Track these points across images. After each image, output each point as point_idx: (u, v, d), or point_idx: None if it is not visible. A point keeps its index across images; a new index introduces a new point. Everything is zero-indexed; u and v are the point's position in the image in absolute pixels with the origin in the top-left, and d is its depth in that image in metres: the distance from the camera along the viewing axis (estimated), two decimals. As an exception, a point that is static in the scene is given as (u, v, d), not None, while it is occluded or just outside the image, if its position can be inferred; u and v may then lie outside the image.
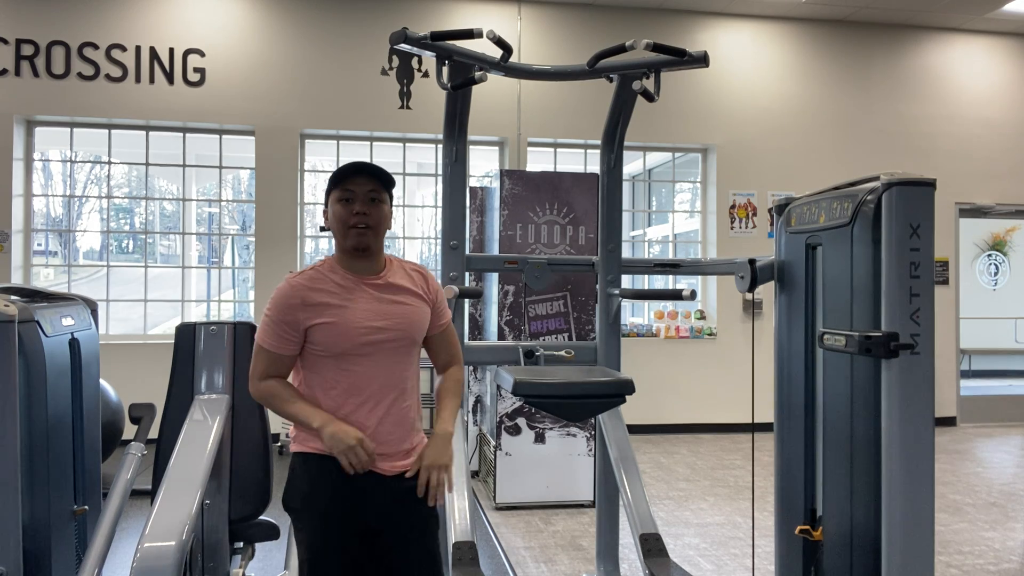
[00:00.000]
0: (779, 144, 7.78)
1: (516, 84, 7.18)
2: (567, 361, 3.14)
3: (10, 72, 6.57)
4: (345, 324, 1.90)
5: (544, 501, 4.89)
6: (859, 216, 2.10)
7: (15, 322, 2.31)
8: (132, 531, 4.09)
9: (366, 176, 1.96)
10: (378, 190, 1.97)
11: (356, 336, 1.90)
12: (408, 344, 1.99)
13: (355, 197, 1.94)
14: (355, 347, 1.90)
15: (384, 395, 1.94)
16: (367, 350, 1.92)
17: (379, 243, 2.00)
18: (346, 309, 1.91)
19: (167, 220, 8.63)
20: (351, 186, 1.94)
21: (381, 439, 1.94)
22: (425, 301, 2.04)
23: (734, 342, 7.62)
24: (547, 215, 5.03)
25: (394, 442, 1.97)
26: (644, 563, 2.64)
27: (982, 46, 8.19)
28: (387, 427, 1.95)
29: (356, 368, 1.92)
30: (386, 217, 2.00)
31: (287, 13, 7.01)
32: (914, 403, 1.95)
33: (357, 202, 1.94)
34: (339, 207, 1.95)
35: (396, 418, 1.97)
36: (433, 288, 2.08)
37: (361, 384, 1.92)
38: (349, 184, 1.95)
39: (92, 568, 2.35)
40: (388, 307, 1.96)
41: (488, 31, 2.47)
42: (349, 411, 1.92)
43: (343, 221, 1.94)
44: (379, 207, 1.97)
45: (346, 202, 1.94)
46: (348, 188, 1.94)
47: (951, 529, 4.55)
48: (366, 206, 1.94)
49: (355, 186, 1.94)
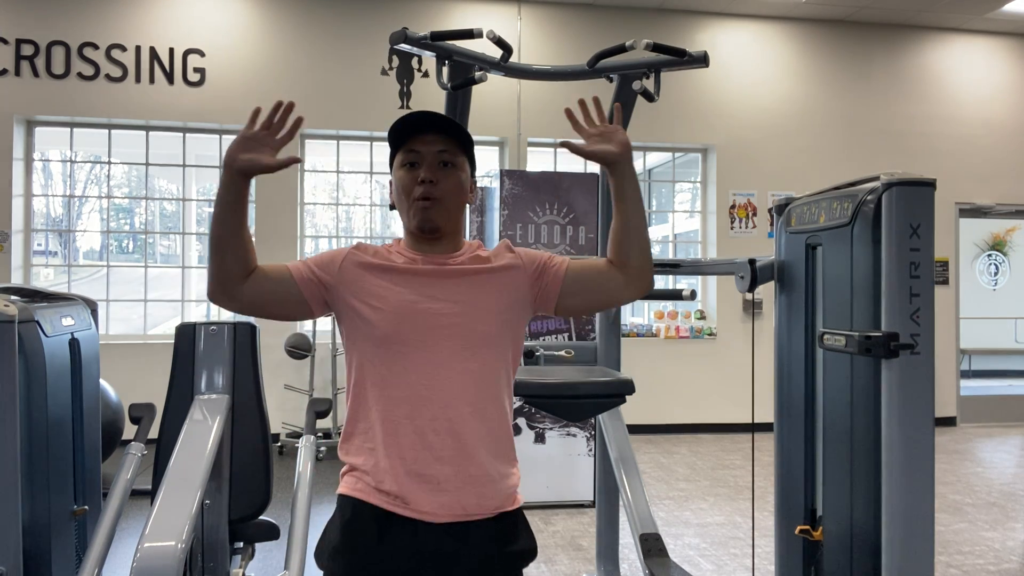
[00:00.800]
0: (779, 144, 7.78)
1: (516, 84, 7.18)
2: (567, 361, 3.14)
3: (10, 72, 6.57)
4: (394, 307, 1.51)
5: (544, 501, 4.89)
6: (859, 216, 2.10)
7: (15, 322, 2.31)
8: (132, 531, 4.09)
9: (435, 132, 1.51)
10: (452, 150, 1.52)
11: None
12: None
13: (420, 160, 1.50)
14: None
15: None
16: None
17: (455, 222, 1.55)
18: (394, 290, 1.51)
19: (167, 220, 8.63)
20: (416, 146, 1.50)
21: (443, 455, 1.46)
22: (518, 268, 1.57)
23: (734, 342, 7.62)
24: (547, 215, 5.03)
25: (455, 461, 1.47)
26: (644, 563, 2.64)
27: (982, 46, 8.19)
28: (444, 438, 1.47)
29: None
30: (463, 187, 1.55)
31: (287, 13, 7.01)
32: (914, 403, 1.95)
33: (423, 167, 1.50)
34: (402, 173, 1.52)
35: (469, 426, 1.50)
36: (523, 253, 1.61)
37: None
38: (413, 144, 1.51)
39: (92, 568, 2.35)
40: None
41: (488, 31, 2.47)
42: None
43: (407, 191, 1.51)
44: (453, 174, 1.52)
45: (410, 167, 1.51)
46: (412, 149, 1.51)
47: (951, 529, 4.54)
48: (434, 171, 1.50)
49: (421, 145, 1.50)
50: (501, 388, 1.55)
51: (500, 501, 1.51)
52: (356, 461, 1.50)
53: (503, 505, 1.51)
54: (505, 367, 1.56)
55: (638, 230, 1.54)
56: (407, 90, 7.17)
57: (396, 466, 1.45)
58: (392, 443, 1.45)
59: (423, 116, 1.49)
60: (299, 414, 6.49)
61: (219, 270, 1.46)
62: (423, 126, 1.50)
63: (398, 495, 1.44)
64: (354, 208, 8.25)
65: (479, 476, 1.47)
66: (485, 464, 1.48)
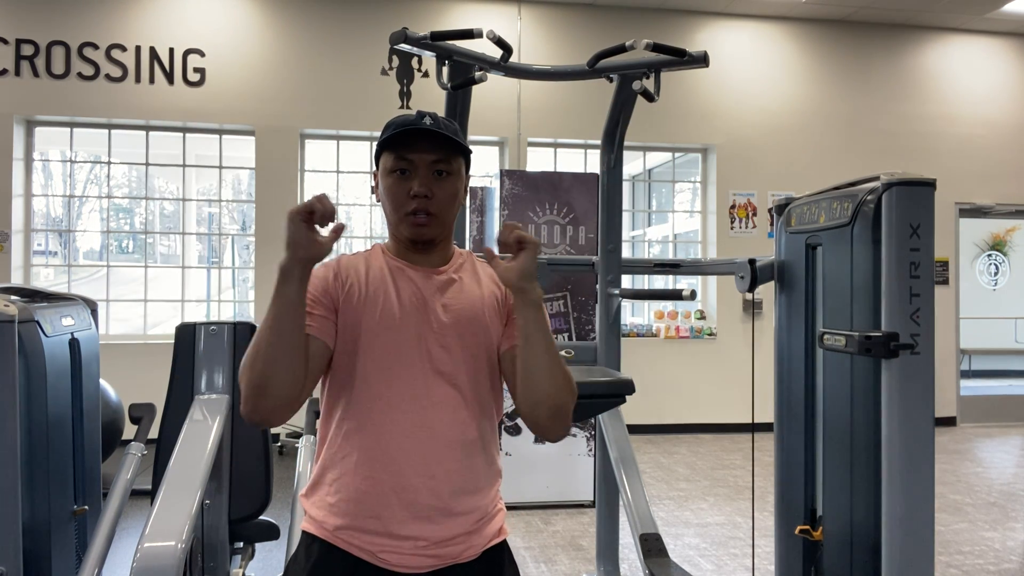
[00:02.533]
0: (779, 144, 7.78)
1: (516, 84, 7.18)
2: (567, 361, 3.13)
3: (10, 72, 6.57)
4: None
5: (544, 501, 4.89)
6: (859, 216, 2.10)
7: (15, 322, 2.31)
8: (132, 531, 4.08)
9: (430, 141, 1.39)
10: (447, 160, 1.40)
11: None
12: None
13: (414, 170, 1.38)
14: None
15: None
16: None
17: (447, 231, 1.46)
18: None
19: (167, 220, 8.63)
20: (408, 154, 1.38)
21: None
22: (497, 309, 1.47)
23: (734, 342, 7.62)
24: (547, 215, 5.03)
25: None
26: (644, 563, 2.64)
27: (982, 46, 8.19)
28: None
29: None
30: (458, 195, 1.44)
31: (287, 13, 7.01)
32: (914, 403, 1.95)
33: (417, 179, 1.38)
34: (392, 181, 1.40)
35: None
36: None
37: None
38: (407, 152, 1.39)
39: (92, 568, 2.35)
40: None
41: (488, 31, 2.46)
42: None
43: (397, 202, 1.40)
44: (449, 183, 1.40)
45: (401, 174, 1.39)
46: (405, 156, 1.39)
47: (951, 529, 4.54)
48: (429, 182, 1.38)
49: (414, 154, 1.38)
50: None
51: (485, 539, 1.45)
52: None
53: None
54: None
55: (549, 374, 1.37)
56: (407, 90, 7.16)
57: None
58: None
59: (418, 124, 1.38)
60: (299, 414, 6.48)
61: (266, 395, 1.26)
62: (418, 134, 1.38)
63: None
64: (354, 208, 8.25)
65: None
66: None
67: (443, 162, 1.39)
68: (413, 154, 1.38)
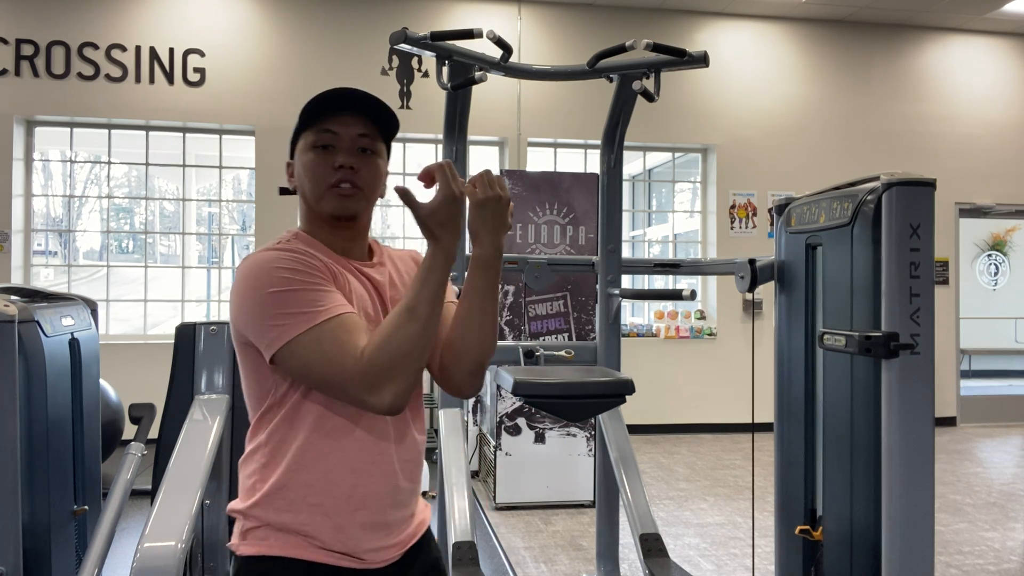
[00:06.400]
0: (779, 144, 7.78)
1: (516, 84, 7.18)
2: (567, 361, 3.13)
3: (10, 72, 6.57)
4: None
5: (544, 501, 4.89)
6: (859, 216, 2.10)
7: (15, 322, 2.31)
8: (132, 531, 4.09)
9: (355, 113, 1.31)
10: (372, 135, 1.32)
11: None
12: None
13: (337, 143, 1.30)
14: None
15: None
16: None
17: (368, 214, 1.37)
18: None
19: (167, 220, 8.63)
20: (332, 126, 1.30)
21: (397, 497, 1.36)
22: None
23: (734, 342, 7.62)
24: (547, 215, 5.03)
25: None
26: (644, 563, 2.64)
27: (982, 46, 8.19)
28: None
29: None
30: (381, 178, 1.36)
31: (287, 13, 7.01)
32: (914, 403, 1.95)
33: (341, 152, 1.30)
34: (312, 156, 1.30)
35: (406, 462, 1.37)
36: None
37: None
38: (329, 123, 1.30)
39: (92, 568, 2.35)
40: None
41: (488, 31, 2.47)
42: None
43: (319, 177, 1.30)
44: (373, 162, 1.33)
45: (323, 149, 1.30)
46: (327, 129, 1.30)
47: (951, 529, 4.54)
48: (354, 157, 1.30)
49: (338, 126, 1.30)
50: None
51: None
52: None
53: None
54: None
55: (478, 333, 1.32)
56: (407, 90, 7.17)
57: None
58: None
59: (344, 93, 1.28)
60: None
61: (414, 375, 1.22)
62: (344, 102, 1.29)
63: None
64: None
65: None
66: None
67: (368, 138, 1.31)
68: (338, 126, 1.30)
